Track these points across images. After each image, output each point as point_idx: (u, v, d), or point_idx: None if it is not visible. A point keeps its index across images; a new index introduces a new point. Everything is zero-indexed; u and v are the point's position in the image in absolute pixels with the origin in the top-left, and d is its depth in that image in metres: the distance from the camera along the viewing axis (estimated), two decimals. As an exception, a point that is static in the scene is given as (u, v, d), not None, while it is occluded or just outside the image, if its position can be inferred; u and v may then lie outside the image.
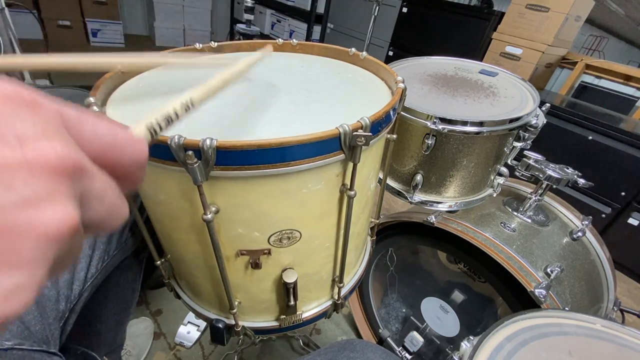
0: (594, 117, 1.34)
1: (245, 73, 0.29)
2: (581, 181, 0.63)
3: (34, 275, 0.11)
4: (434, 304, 0.79)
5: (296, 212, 0.34)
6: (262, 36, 3.12)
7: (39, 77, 1.70)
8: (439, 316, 0.78)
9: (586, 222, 0.70)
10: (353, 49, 0.53)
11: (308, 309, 0.46)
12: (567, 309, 0.50)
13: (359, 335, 0.94)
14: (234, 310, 0.41)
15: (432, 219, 0.63)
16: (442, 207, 0.64)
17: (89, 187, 0.13)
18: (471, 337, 0.40)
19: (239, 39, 1.24)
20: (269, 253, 0.36)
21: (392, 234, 0.76)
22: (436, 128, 0.53)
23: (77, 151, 0.12)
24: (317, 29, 2.70)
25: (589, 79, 1.79)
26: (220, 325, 0.43)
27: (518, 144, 0.61)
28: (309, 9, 2.52)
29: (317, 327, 0.97)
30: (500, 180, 0.66)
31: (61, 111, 0.13)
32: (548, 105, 0.66)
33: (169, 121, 0.20)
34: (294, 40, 0.55)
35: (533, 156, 0.65)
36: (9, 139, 0.11)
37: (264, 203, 0.32)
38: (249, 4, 1.53)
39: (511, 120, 0.55)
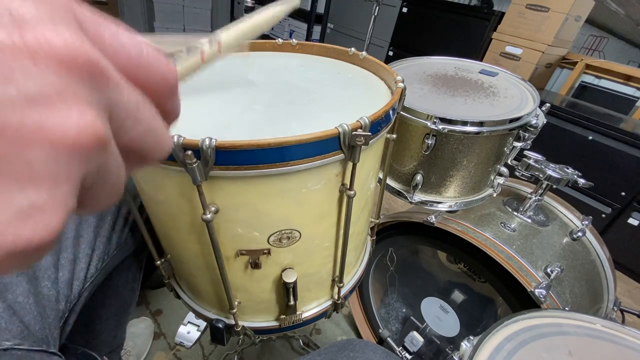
0: (594, 117, 1.34)
1: (271, 21, 0.27)
2: (581, 181, 0.63)
3: (54, 194, 0.09)
4: (434, 304, 0.79)
5: (295, 212, 0.34)
6: (262, 36, 3.12)
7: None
8: (439, 316, 0.78)
9: (586, 222, 0.70)
10: (353, 49, 0.53)
11: (308, 309, 0.46)
12: (567, 309, 0.50)
13: (359, 335, 0.94)
14: (234, 310, 0.41)
15: (432, 219, 0.63)
16: (442, 207, 0.64)
17: (117, 100, 0.11)
18: (471, 337, 0.40)
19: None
20: (269, 253, 0.36)
21: (392, 234, 0.76)
22: (436, 128, 0.53)
23: (92, 47, 0.10)
24: (317, 29, 2.70)
25: (589, 79, 1.79)
26: (220, 325, 0.43)
27: (518, 144, 0.61)
28: (309, 9, 2.52)
29: (317, 327, 0.97)
30: (500, 180, 0.66)
31: (74, 6, 0.10)
32: (548, 105, 0.66)
33: (190, 50, 0.18)
34: (294, 40, 0.55)
35: (533, 156, 0.65)
36: (2, 19, 0.08)
37: (264, 203, 0.32)
38: (249, 4, 1.53)
39: (511, 120, 0.55)
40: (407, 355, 0.77)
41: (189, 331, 0.87)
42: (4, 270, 0.09)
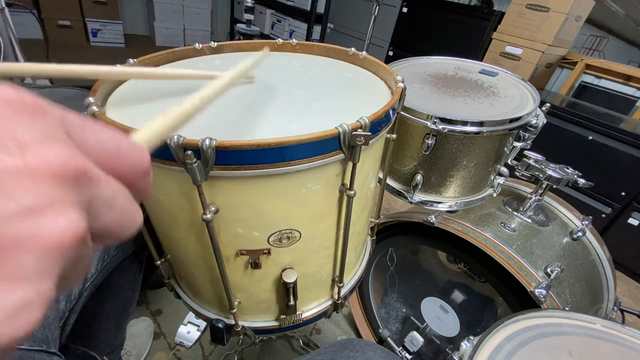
0: (594, 117, 1.34)
1: (244, 74, 0.29)
2: (581, 181, 0.63)
3: (40, 290, 0.10)
4: (434, 304, 0.79)
5: (295, 212, 0.34)
6: (262, 36, 3.12)
7: (39, 77, 1.70)
8: (439, 316, 0.78)
9: (586, 222, 0.70)
10: (353, 49, 0.53)
11: (308, 309, 0.46)
12: (567, 309, 0.50)
13: (359, 335, 0.94)
14: (234, 310, 0.41)
15: (432, 219, 0.63)
16: (442, 207, 0.64)
17: (97, 194, 0.12)
18: (471, 337, 0.40)
19: (239, 39, 1.24)
20: (269, 253, 0.36)
21: (392, 234, 0.76)
22: (436, 128, 0.53)
23: (80, 156, 0.12)
24: (317, 29, 2.70)
25: (589, 79, 1.79)
26: (220, 325, 0.43)
27: (518, 144, 0.61)
28: (309, 9, 2.52)
29: (317, 327, 0.97)
30: (500, 180, 0.66)
31: (63, 117, 0.12)
32: (548, 105, 0.66)
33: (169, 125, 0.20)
34: (294, 40, 0.55)
35: (533, 156, 0.65)
36: (8, 144, 0.10)
37: (264, 203, 0.32)
38: (249, 4, 1.53)
39: (511, 120, 0.55)
40: (407, 355, 0.77)
41: (189, 331, 0.87)
42: None
